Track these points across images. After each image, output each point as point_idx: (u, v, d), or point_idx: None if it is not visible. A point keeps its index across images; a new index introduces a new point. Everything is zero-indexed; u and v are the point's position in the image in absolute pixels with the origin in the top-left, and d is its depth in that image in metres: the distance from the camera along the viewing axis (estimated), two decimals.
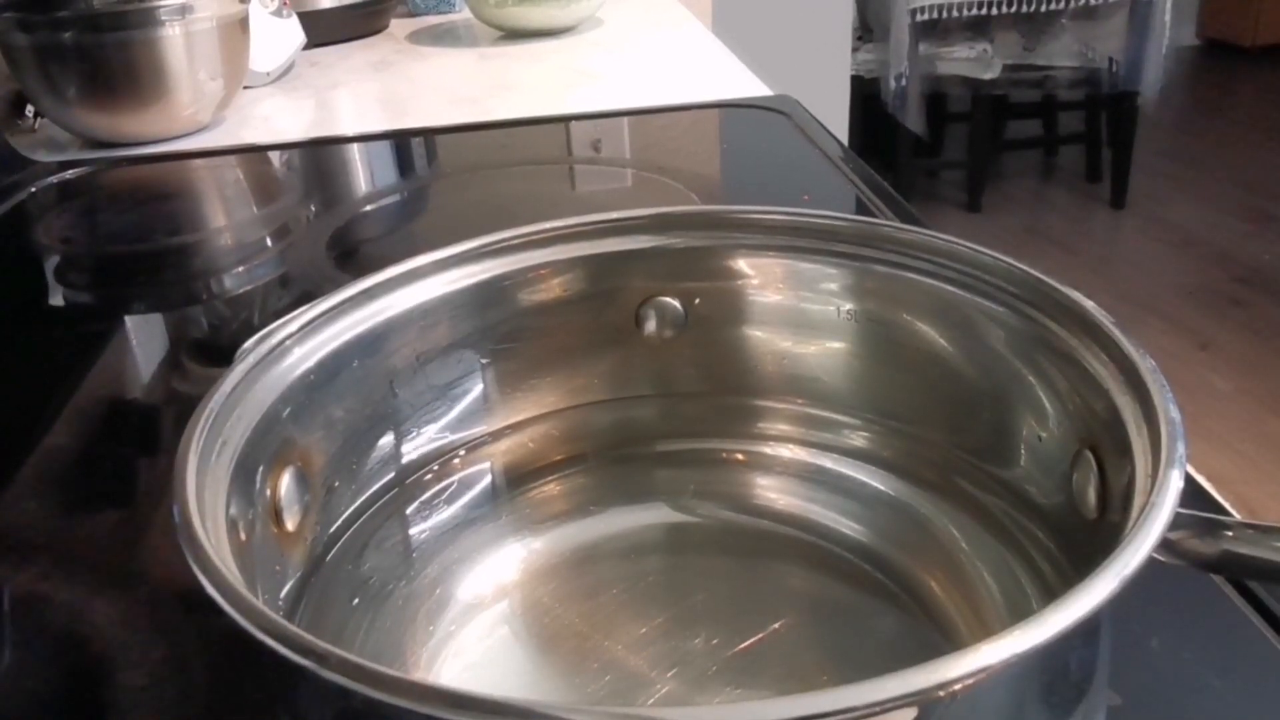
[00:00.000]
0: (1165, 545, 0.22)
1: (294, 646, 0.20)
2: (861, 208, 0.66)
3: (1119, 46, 2.58)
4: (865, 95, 2.57)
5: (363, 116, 0.94)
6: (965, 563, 0.33)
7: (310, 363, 0.32)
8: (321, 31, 1.12)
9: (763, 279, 0.38)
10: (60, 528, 0.42)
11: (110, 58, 0.81)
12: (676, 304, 0.39)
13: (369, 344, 0.34)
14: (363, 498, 0.35)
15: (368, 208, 0.76)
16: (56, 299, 0.66)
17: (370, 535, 0.35)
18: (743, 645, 0.31)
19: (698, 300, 0.38)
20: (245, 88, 0.94)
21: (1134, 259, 2.61)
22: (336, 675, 0.20)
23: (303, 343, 0.32)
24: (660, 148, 0.81)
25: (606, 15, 1.23)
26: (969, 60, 2.61)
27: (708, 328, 0.39)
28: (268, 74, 1.00)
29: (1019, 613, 0.29)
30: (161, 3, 0.81)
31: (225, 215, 0.79)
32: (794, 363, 0.38)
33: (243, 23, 0.88)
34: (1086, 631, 0.23)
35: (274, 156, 0.87)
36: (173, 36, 0.82)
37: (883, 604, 0.33)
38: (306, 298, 0.33)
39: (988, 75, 2.62)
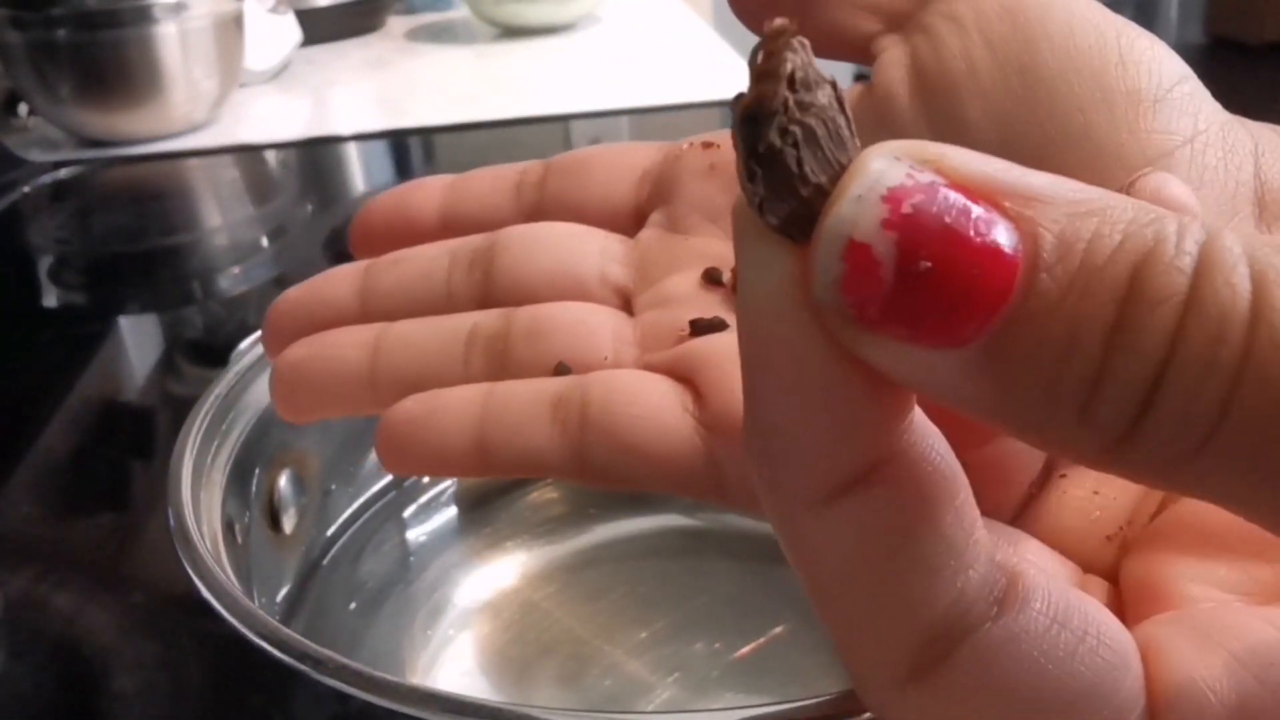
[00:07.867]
0: None
1: (290, 651, 0.20)
2: None
3: None
4: None
5: (359, 115, 0.93)
6: None
7: None
8: (318, 29, 1.12)
9: None
10: (55, 531, 0.41)
11: (104, 56, 0.81)
12: None
13: None
14: (360, 501, 0.35)
15: None
16: (50, 299, 0.66)
17: (368, 539, 0.35)
18: (744, 650, 0.30)
19: None
20: (241, 86, 0.93)
21: None
22: (333, 680, 0.19)
23: None
24: None
25: (605, 13, 1.22)
26: None
27: None
28: (263, 72, 0.99)
29: None
30: (156, 0, 0.81)
31: (221, 215, 0.78)
32: None
33: (238, 20, 0.88)
34: None
35: (270, 156, 0.86)
36: (167, 34, 0.82)
37: None
38: None
39: None
